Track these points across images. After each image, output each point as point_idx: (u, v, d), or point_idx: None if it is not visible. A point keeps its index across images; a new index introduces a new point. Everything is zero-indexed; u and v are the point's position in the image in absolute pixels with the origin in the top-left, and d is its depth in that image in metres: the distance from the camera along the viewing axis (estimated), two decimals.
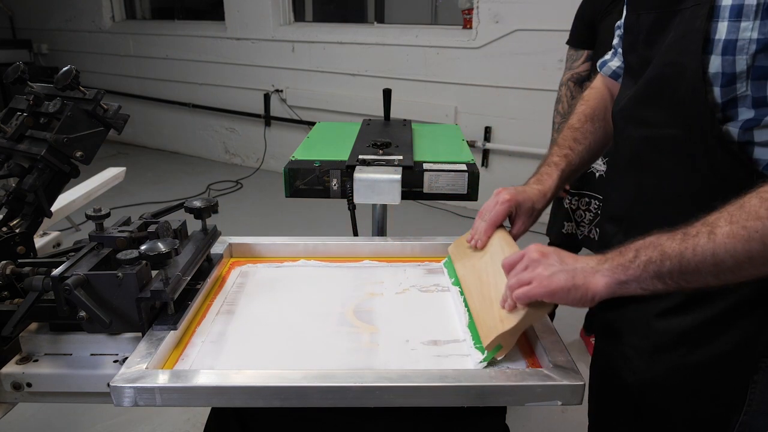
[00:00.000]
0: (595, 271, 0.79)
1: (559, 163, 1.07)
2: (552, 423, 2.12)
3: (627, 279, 0.77)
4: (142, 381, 0.78)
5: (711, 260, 0.71)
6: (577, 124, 1.10)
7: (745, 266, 0.70)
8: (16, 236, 1.01)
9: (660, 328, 0.85)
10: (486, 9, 3.85)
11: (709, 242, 0.71)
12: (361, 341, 0.94)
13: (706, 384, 0.83)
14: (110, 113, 1.08)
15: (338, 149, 1.64)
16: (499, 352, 0.85)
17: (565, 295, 0.80)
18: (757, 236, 0.68)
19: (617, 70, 1.07)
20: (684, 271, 0.73)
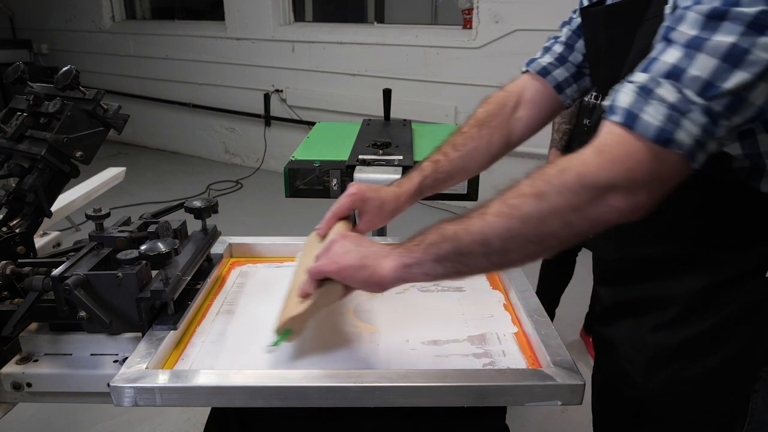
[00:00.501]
0: (386, 255, 0.79)
1: (425, 170, 1.05)
2: (552, 423, 2.12)
3: (411, 262, 0.77)
4: (142, 381, 0.78)
5: (480, 240, 0.71)
6: (465, 128, 1.07)
7: (510, 247, 0.70)
8: (16, 236, 1.01)
9: (655, 343, 0.84)
10: (486, 9, 3.85)
11: (480, 221, 0.71)
12: (361, 341, 0.94)
13: (707, 396, 0.82)
14: (110, 113, 1.08)
15: (338, 149, 1.64)
16: (289, 337, 0.85)
17: (354, 273, 0.80)
18: (517, 214, 0.68)
19: (547, 66, 1.05)
20: (459, 253, 0.73)
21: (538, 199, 0.68)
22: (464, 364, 0.88)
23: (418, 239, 0.77)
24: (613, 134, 0.65)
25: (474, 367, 0.87)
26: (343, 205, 1.00)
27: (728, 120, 0.62)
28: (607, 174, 0.64)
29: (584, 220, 0.67)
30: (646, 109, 0.63)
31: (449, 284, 1.13)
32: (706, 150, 0.64)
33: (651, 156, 0.63)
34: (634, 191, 0.64)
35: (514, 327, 0.98)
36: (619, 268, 0.90)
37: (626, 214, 0.66)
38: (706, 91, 0.61)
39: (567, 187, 0.66)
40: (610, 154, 0.65)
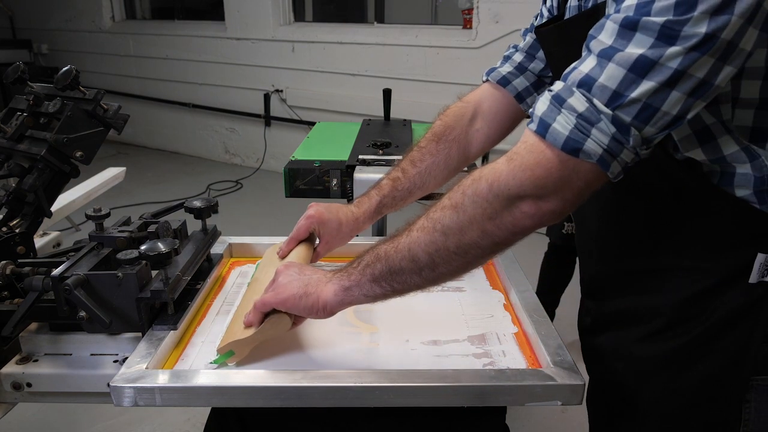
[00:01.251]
0: (328, 281, 0.81)
1: (383, 188, 1.05)
2: (552, 423, 2.12)
3: (350, 285, 0.79)
4: (142, 381, 0.78)
5: (408, 257, 0.73)
6: (423, 143, 1.06)
7: (437, 261, 0.72)
8: (16, 236, 1.01)
9: (642, 355, 0.83)
10: (486, 9, 3.85)
11: (406, 239, 0.73)
12: (361, 341, 0.94)
13: (698, 407, 0.81)
14: (110, 113, 1.08)
15: (338, 149, 1.64)
16: (231, 358, 0.85)
17: (297, 302, 0.81)
18: (439, 227, 0.70)
19: (507, 75, 1.04)
20: (391, 271, 0.75)
21: (455, 210, 0.70)
22: (464, 364, 0.88)
23: (357, 261, 0.79)
24: (527, 143, 0.67)
25: (474, 367, 0.87)
26: (301, 228, 1.02)
27: (639, 130, 0.62)
28: (517, 182, 0.66)
29: (500, 228, 0.68)
30: (558, 118, 0.64)
31: (449, 284, 1.13)
32: (622, 160, 0.64)
33: (560, 165, 0.64)
34: (544, 198, 0.66)
35: (514, 327, 0.98)
36: (602, 283, 0.90)
37: (540, 220, 0.67)
38: (613, 100, 0.61)
39: (481, 197, 0.68)
40: (520, 162, 0.66)
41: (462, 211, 0.69)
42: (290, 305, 0.82)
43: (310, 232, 1.03)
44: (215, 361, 0.86)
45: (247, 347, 0.85)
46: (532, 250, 2.74)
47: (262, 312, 0.84)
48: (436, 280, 0.75)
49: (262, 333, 0.84)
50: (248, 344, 0.85)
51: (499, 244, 0.70)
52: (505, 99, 1.05)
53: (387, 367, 0.87)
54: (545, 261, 2.47)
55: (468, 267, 0.74)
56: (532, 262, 2.38)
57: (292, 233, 1.03)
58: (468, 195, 0.69)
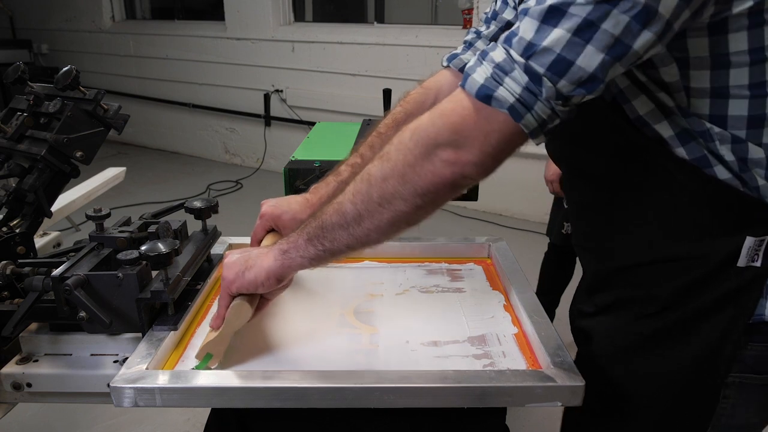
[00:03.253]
0: (269, 250, 0.82)
1: (342, 173, 1.04)
2: (552, 424, 2.12)
3: (288, 247, 0.79)
4: (142, 381, 0.78)
5: (337, 209, 0.74)
6: (383, 129, 1.06)
7: (362, 213, 0.72)
8: (16, 236, 1.01)
9: (629, 333, 0.84)
10: (486, 9, 3.85)
11: (341, 194, 0.75)
12: (361, 342, 0.94)
13: (676, 394, 0.82)
14: (110, 113, 1.08)
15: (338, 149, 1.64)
16: (211, 361, 0.86)
17: (241, 277, 0.82)
18: (365, 176, 0.72)
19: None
20: (323, 227, 0.75)
21: (381, 159, 0.71)
22: (464, 365, 0.88)
23: (300, 226, 0.80)
24: (451, 94, 0.69)
25: (474, 368, 0.87)
26: (257, 230, 1.03)
27: (553, 83, 0.62)
28: (435, 128, 0.67)
29: (420, 176, 0.68)
30: (477, 69, 0.66)
31: (449, 285, 1.13)
32: (537, 114, 0.65)
33: (474, 112, 0.65)
34: (462, 147, 0.66)
35: (514, 328, 0.98)
36: (602, 278, 0.90)
37: (460, 170, 0.67)
38: (527, 50, 0.63)
39: (403, 144, 0.70)
40: (440, 110, 0.68)
41: (387, 159, 0.70)
42: (238, 285, 0.83)
43: (267, 231, 1.03)
44: (197, 367, 0.86)
45: (222, 345, 0.85)
46: (532, 250, 2.74)
47: (225, 307, 0.85)
48: (363, 239, 0.74)
49: (228, 326, 0.84)
50: (220, 342, 0.85)
51: (420, 195, 0.69)
52: None
53: (387, 368, 0.87)
54: (545, 261, 2.47)
55: (392, 224, 0.73)
56: (532, 262, 2.38)
57: (252, 236, 1.04)
58: (393, 144, 0.71)
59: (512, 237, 3.54)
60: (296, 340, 0.95)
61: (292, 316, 1.02)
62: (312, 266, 0.80)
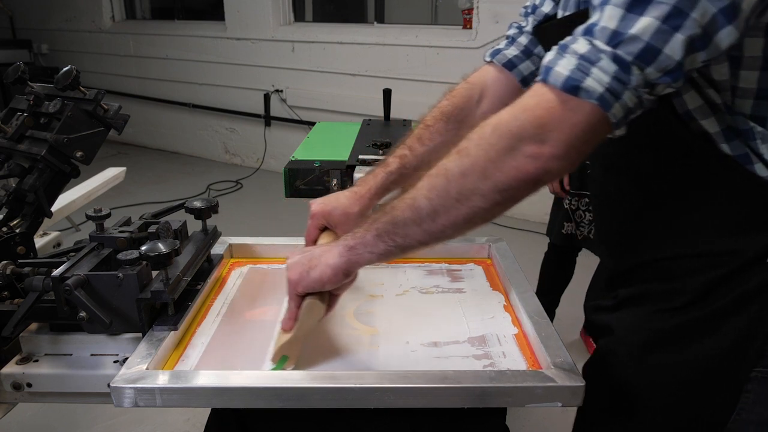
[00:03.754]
0: (333, 247, 0.81)
1: (390, 165, 1.04)
2: (552, 424, 2.12)
3: (354, 243, 0.78)
4: (142, 382, 0.78)
5: (410, 204, 0.72)
6: (430, 122, 1.06)
7: (438, 209, 0.71)
8: (16, 236, 1.01)
9: (652, 326, 0.84)
10: (486, 9, 3.85)
11: (413, 189, 0.73)
12: (361, 343, 0.94)
13: (697, 386, 0.82)
14: (110, 113, 1.08)
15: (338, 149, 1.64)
16: (287, 363, 0.86)
17: (308, 277, 0.81)
18: (441, 172, 0.70)
19: (514, 59, 1.03)
20: (394, 223, 0.74)
21: (459, 155, 0.69)
22: (464, 366, 0.88)
23: (365, 220, 0.79)
24: (531, 89, 0.68)
25: (474, 368, 0.87)
26: (310, 229, 1.02)
27: (641, 69, 0.62)
28: (518, 122, 0.66)
29: (502, 171, 0.67)
30: (560, 62, 0.65)
31: (449, 285, 1.13)
32: (624, 103, 0.64)
33: (560, 104, 0.64)
34: (546, 141, 0.65)
35: (515, 328, 0.98)
36: (627, 272, 0.90)
37: (543, 165, 0.66)
38: (613, 39, 0.62)
39: (484, 139, 0.68)
40: (521, 105, 0.67)
41: (465, 155, 0.69)
42: (304, 284, 0.82)
43: (320, 230, 1.02)
44: (275, 368, 0.86)
45: (296, 347, 0.85)
46: (532, 250, 2.74)
47: (295, 307, 0.84)
48: (436, 234, 0.73)
49: (302, 326, 0.84)
50: (295, 343, 0.85)
51: (500, 190, 0.68)
52: (510, 82, 1.04)
53: (387, 369, 0.87)
54: (545, 261, 2.47)
55: (468, 221, 0.72)
56: (532, 262, 2.38)
57: (306, 237, 1.03)
58: (472, 140, 0.69)
59: (512, 237, 3.54)
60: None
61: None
62: (380, 261, 0.80)
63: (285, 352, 0.85)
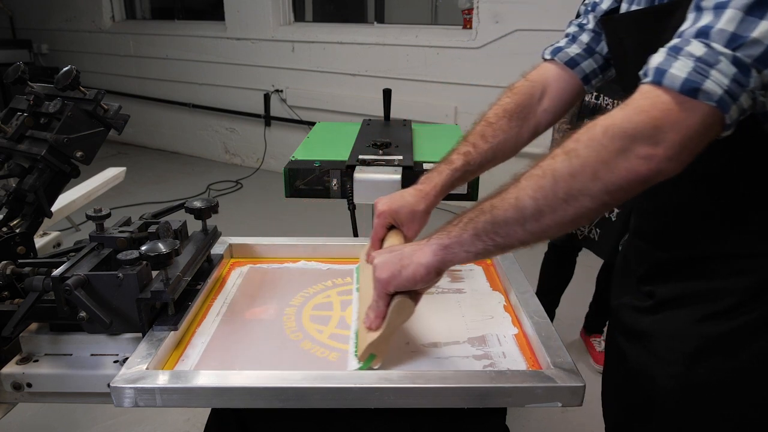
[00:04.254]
0: (424, 245, 0.81)
1: (454, 162, 1.04)
2: (552, 424, 2.12)
3: (450, 242, 0.78)
4: (142, 382, 0.78)
5: (514, 204, 0.72)
6: (493, 119, 1.05)
7: (543, 209, 0.70)
8: (16, 236, 1.01)
9: (702, 333, 0.83)
10: (486, 9, 3.85)
11: (514, 188, 0.73)
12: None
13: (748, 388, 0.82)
14: (110, 113, 1.08)
15: (338, 149, 1.64)
16: (374, 361, 0.86)
17: (399, 276, 0.81)
18: (549, 172, 0.70)
19: (576, 57, 1.03)
20: (495, 222, 0.74)
21: (567, 155, 0.69)
22: (464, 366, 0.88)
23: (457, 219, 0.79)
24: (642, 91, 0.67)
25: (474, 368, 0.87)
26: (377, 228, 1.02)
27: (759, 72, 0.63)
28: (632, 124, 0.65)
29: (614, 172, 0.67)
30: (674, 64, 0.65)
31: (449, 286, 1.13)
32: (740, 105, 0.64)
33: (677, 106, 0.64)
34: (660, 143, 0.65)
35: (515, 328, 0.98)
36: (669, 268, 0.89)
37: (655, 166, 0.66)
38: (732, 42, 0.62)
39: (595, 140, 0.67)
40: (635, 106, 0.66)
41: (575, 156, 0.68)
42: (396, 283, 0.82)
43: (387, 228, 1.02)
44: (361, 368, 0.86)
45: (385, 345, 0.85)
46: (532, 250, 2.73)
47: (384, 306, 0.84)
48: (541, 233, 0.73)
49: (391, 325, 0.84)
50: (384, 341, 0.85)
51: (610, 191, 0.68)
52: (572, 80, 1.04)
53: (387, 369, 0.87)
54: (545, 261, 2.47)
55: (573, 221, 0.71)
56: (532, 263, 2.38)
57: (372, 236, 1.03)
58: (582, 141, 0.68)
59: None
60: (296, 340, 0.95)
61: (292, 316, 1.02)
62: (475, 260, 0.80)
63: (373, 350, 0.85)
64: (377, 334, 0.84)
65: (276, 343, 0.94)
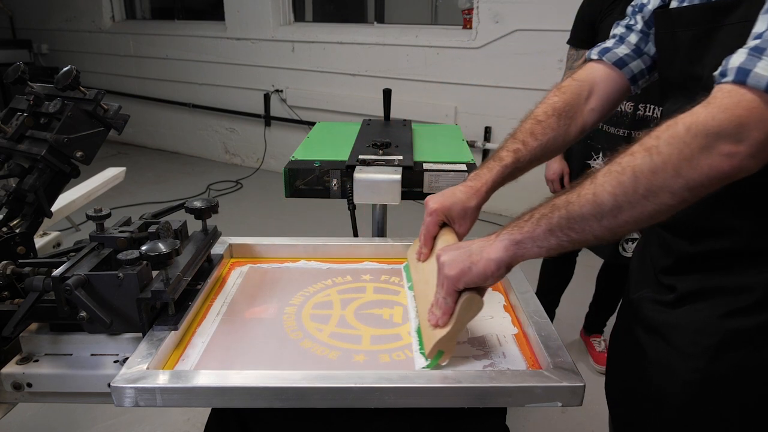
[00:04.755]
0: (492, 241, 0.82)
1: (504, 159, 1.04)
2: (552, 424, 2.12)
3: (522, 238, 0.79)
4: (142, 381, 0.78)
5: (592, 201, 0.73)
6: (542, 117, 1.06)
7: (622, 205, 0.71)
8: (16, 236, 1.01)
9: (727, 327, 0.84)
10: (486, 9, 3.85)
11: (590, 185, 0.74)
12: (361, 343, 0.94)
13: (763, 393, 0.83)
14: (110, 113, 1.08)
15: (338, 149, 1.64)
16: (442, 358, 0.86)
17: (470, 273, 0.82)
18: (629, 169, 0.70)
19: (625, 57, 1.04)
20: (570, 218, 0.75)
21: (648, 153, 0.69)
22: (464, 366, 0.88)
23: (527, 216, 0.80)
24: (723, 90, 0.68)
25: (474, 368, 0.87)
26: (430, 226, 1.02)
27: None
28: (716, 122, 0.66)
29: (696, 170, 0.67)
30: (759, 64, 0.65)
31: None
32: None
33: (762, 104, 0.65)
34: (743, 141, 0.65)
35: (515, 328, 0.98)
36: (693, 261, 0.90)
37: (738, 164, 0.66)
38: None
39: (677, 138, 0.68)
40: (719, 104, 0.67)
41: (656, 153, 0.69)
42: (466, 280, 0.82)
43: (440, 226, 1.03)
44: (429, 365, 0.86)
45: (453, 341, 0.86)
46: None
47: (453, 303, 0.84)
48: (617, 229, 0.74)
49: (460, 321, 0.84)
50: (452, 338, 0.85)
51: (691, 188, 0.69)
52: (619, 80, 1.05)
53: (387, 369, 0.87)
54: (545, 261, 2.47)
55: (653, 215, 0.72)
56: (532, 262, 2.38)
57: (424, 235, 1.03)
58: (663, 138, 0.69)
59: None
60: (296, 339, 0.95)
61: (292, 315, 1.02)
62: (547, 255, 0.80)
63: (441, 347, 0.85)
64: (446, 331, 0.84)
65: (276, 343, 0.94)
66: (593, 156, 2.11)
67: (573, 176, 2.17)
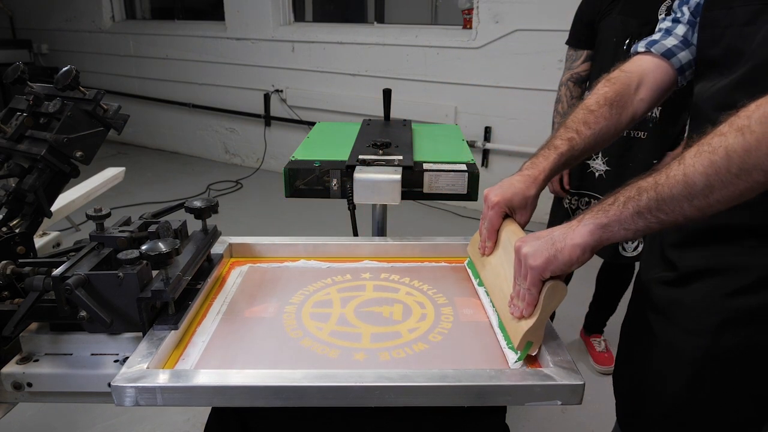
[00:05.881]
0: (575, 226, 0.82)
1: (559, 147, 1.05)
2: (552, 423, 2.12)
3: (609, 221, 0.79)
4: (143, 381, 0.78)
5: (682, 181, 0.73)
6: (594, 107, 1.07)
7: (714, 184, 0.71)
8: (16, 236, 1.01)
9: (730, 306, 0.85)
10: (486, 9, 3.85)
11: (680, 166, 0.74)
12: (361, 342, 0.94)
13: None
14: (110, 113, 1.08)
15: (338, 149, 1.64)
16: (532, 348, 0.86)
17: (556, 260, 0.82)
18: (720, 150, 0.71)
19: (673, 48, 1.05)
20: (660, 199, 0.75)
21: (740, 132, 0.70)
22: (464, 365, 0.88)
23: (611, 199, 0.80)
24: None
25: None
26: (493, 219, 1.02)
27: None
28: None
29: None
30: None
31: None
32: None
33: None
34: None
35: None
36: (704, 235, 0.90)
37: None
38: None
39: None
40: None
41: (749, 133, 0.69)
42: (553, 268, 0.82)
43: (503, 218, 1.03)
44: (520, 357, 0.87)
45: (540, 330, 0.86)
46: None
47: (537, 293, 0.85)
48: (706, 209, 0.74)
49: (546, 310, 0.84)
50: (540, 327, 0.85)
51: None
52: (668, 70, 1.06)
53: (387, 368, 0.87)
54: None
55: (745, 193, 0.72)
56: None
57: (487, 228, 1.03)
58: (754, 118, 0.69)
59: None
60: (296, 338, 0.95)
61: (292, 315, 1.02)
62: (633, 238, 0.81)
63: (530, 337, 0.85)
64: (532, 321, 0.84)
65: (276, 342, 0.94)
66: (593, 156, 2.11)
67: (572, 176, 2.17)
